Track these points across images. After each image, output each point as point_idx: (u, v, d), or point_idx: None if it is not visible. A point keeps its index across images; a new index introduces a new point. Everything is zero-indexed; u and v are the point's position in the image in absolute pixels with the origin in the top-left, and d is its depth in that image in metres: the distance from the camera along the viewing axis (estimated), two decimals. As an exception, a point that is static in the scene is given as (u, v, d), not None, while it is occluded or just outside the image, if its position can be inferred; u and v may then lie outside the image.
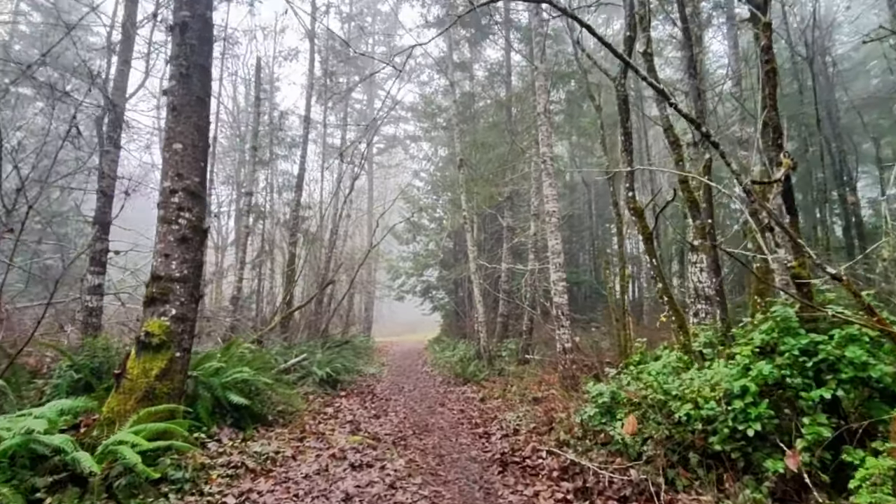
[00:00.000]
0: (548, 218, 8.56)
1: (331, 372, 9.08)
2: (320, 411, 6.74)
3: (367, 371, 12.42)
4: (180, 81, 4.60)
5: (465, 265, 21.64)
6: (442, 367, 13.83)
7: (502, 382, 9.75)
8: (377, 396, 8.77)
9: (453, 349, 17.84)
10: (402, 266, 26.70)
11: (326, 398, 7.95)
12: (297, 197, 12.71)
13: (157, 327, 4.19)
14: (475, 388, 9.51)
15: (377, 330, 36.45)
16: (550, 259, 8.46)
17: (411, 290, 26.50)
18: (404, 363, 15.49)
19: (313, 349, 10.71)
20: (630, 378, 5.51)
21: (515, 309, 19.12)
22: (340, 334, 18.55)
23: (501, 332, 15.67)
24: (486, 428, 6.39)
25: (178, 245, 4.37)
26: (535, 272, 12.83)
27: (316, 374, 8.67)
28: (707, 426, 3.71)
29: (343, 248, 19.20)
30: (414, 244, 26.98)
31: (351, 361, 12.01)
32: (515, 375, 10.21)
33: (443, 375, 12.04)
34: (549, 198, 8.55)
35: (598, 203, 26.65)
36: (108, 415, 3.99)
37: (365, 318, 28.89)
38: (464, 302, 22.58)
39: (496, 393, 8.67)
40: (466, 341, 18.70)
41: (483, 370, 10.95)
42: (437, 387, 10.19)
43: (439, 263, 26.60)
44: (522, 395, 8.31)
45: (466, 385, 10.08)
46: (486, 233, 21.37)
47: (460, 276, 23.38)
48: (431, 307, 27.09)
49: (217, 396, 5.18)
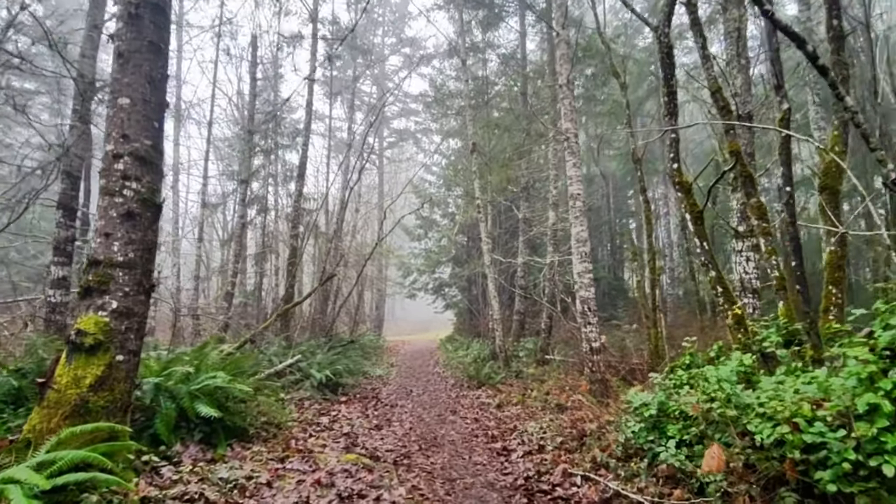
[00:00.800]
0: (572, 202, 7.59)
1: (331, 375, 8.23)
2: (313, 421, 5.87)
3: (373, 373, 11.56)
4: (128, 23, 3.74)
5: (478, 261, 20.74)
6: (454, 368, 12.93)
7: (521, 386, 8.81)
8: (381, 402, 7.89)
9: (466, 349, 16.93)
10: (413, 263, 25.85)
11: (324, 405, 7.09)
12: (299, 187, 11.89)
13: (93, 325, 3.34)
14: (491, 393, 8.58)
15: (389, 329, 35.69)
16: (575, 248, 7.49)
17: (423, 288, 25.63)
18: (414, 364, 14.62)
19: (314, 349, 9.89)
20: (680, 384, 4.55)
21: (532, 306, 18.14)
22: (349, 333, 17.78)
23: (518, 330, 14.71)
24: (504, 442, 5.46)
25: (123, 222, 3.52)
26: (555, 265, 11.85)
27: (314, 378, 7.82)
28: (808, 455, 2.74)
29: (351, 243, 18.41)
30: (426, 240, 26.11)
31: (356, 362, 11.16)
32: (535, 378, 9.26)
33: (455, 377, 11.13)
34: (573, 180, 7.58)
35: (616, 197, 25.55)
36: (27, 435, 3.15)
37: (375, 316, 28.12)
38: (477, 299, 21.66)
39: (514, 398, 7.73)
40: (480, 340, 17.77)
41: (499, 372, 10.01)
42: (449, 390, 9.28)
43: (452, 260, 25.69)
44: (544, 401, 7.37)
45: (481, 389, 9.15)
46: (500, 227, 20.43)
47: (474, 273, 22.45)
48: (444, 305, 26.21)
49: (184, 408, 4.33)
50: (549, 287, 11.89)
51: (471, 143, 10.82)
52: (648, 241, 9.76)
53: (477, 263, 20.76)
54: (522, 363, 11.47)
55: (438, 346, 21.42)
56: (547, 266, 12.01)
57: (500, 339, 10.56)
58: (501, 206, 20.08)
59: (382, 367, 13.03)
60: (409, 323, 47.52)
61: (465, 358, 14.51)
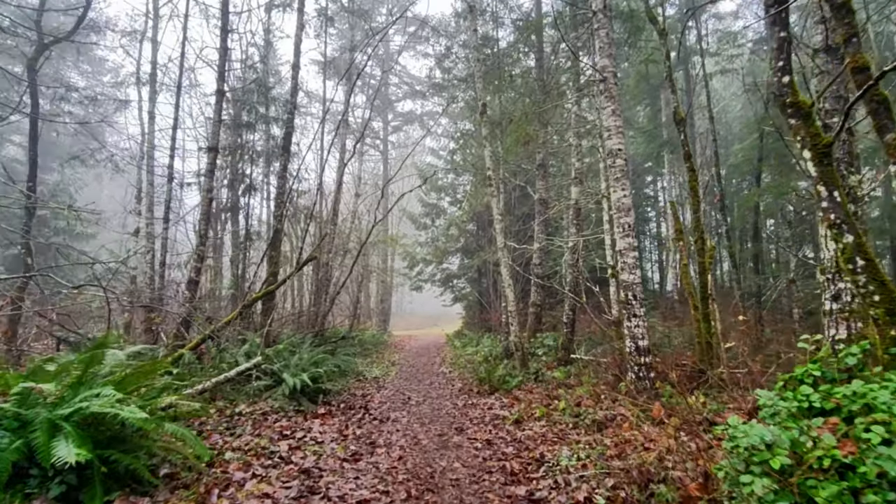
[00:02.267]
0: (610, 161, 5.92)
1: (309, 379, 6.66)
2: (266, 449, 4.30)
3: (369, 374, 10.00)
4: None
5: (489, 251, 19.11)
6: (462, 367, 11.34)
7: (542, 393, 7.19)
8: (370, 414, 6.32)
9: (476, 345, 15.33)
10: (419, 252, 24.24)
11: (292, 420, 5.52)
12: (284, 162, 10.33)
13: None
14: (506, 401, 6.98)
15: (396, 323, 34.22)
16: (616, 220, 5.84)
17: (430, 279, 24.05)
18: (418, 362, 13.06)
19: (296, 347, 8.35)
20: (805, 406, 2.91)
21: (550, 297, 16.50)
22: (348, 328, 16.29)
23: (534, 324, 13.08)
24: (530, 484, 3.84)
25: None
26: (579, 249, 10.18)
27: (287, 384, 6.26)
28: None
29: (351, 228, 16.86)
30: (432, 229, 24.49)
31: (347, 362, 9.60)
32: (559, 383, 7.63)
33: (463, 379, 9.54)
34: (612, 132, 5.91)
35: (636, 182, 23.78)
36: None
37: (380, 310, 26.62)
38: (488, 291, 20.03)
39: (536, 409, 6.11)
40: (492, 336, 16.15)
41: (515, 374, 8.40)
42: (455, 397, 7.69)
43: (460, 250, 24.05)
44: (575, 414, 5.75)
45: (494, 395, 7.55)
46: (513, 214, 18.75)
47: (484, 263, 20.85)
48: (452, 298, 24.63)
49: (35, 447, 2.78)
50: (572, 274, 10.22)
51: (480, 105, 9.15)
52: (695, 219, 8.03)
53: (488, 253, 19.16)
54: (542, 363, 9.86)
55: (446, 342, 19.89)
56: (569, 250, 10.34)
57: (516, 335, 8.94)
58: (515, 191, 18.42)
59: (381, 367, 11.48)
60: (417, 317, 46.07)
61: (474, 356, 12.92)
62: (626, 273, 5.69)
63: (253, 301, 7.27)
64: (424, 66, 30.59)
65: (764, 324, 11.53)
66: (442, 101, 27.07)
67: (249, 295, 7.42)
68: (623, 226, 5.75)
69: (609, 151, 5.91)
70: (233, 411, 5.38)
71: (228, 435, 4.64)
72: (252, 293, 7.78)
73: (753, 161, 13.32)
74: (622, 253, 5.73)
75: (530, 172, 16.75)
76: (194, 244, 8.09)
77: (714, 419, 5.18)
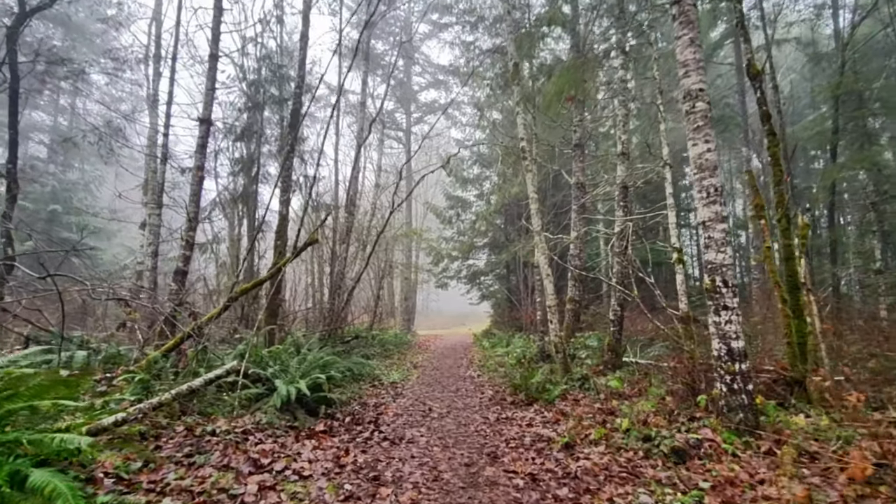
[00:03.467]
0: (689, 105, 4.52)
1: (309, 387, 5.48)
2: (220, 493, 3.10)
3: (386, 378, 8.79)
4: None
5: (519, 244, 17.75)
6: (492, 370, 10.04)
7: (593, 405, 5.82)
8: (380, 432, 5.09)
9: (506, 345, 13.97)
10: (444, 248, 22.98)
11: (278, 442, 4.33)
12: (291, 142, 9.25)
13: None
14: (549, 416, 5.65)
15: (421, 322, 33.06)
16: (697, 181, 4.45)
17: (456, 276, 22.75)
18: (443, 364, 11.80)
19: (300, 348, 7.21)
20: None
21: (588, 293, 15.04)
22: (368, 326, 15.18)
23: (572, 323, 11.64)
24: (605, 559, 2.53)
25: None
26: (628, 234, 8.75)
27: (279, 393, 5.09)
28: None
29: (369, 222, 15.74)
30: (458, 223, 23.20)
31: (361, 365, 8.43)
32: (613, 392, 6.24)
33: (493, 385, 8.24)
34: (690, 67, 4.51)
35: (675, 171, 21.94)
36: None
37: (404, 308, 25.44)
38: (518, 288, 18.64)
39: (590, 429, 4.77)
40: (524, 335, 14.76)
41: (557, 381, 7.04)
42: (486, 408, 6.40)
43: (488, 245, 22.68)
44: (644, 436, 4.38)
45: (532, 407, 6.22)
46: (544, 204, 17.28)
47: (513, 259, 19.46)
48: (479, 295, 23.30)
49: None
50: (620, 264, 8.78)
51: (510, 65, 7.82)
52: (778, 192, 6.54)
53: (517, 246, 17.78)
54: (586, 366, 8.48)
55: (474, 342, 18.60)
56: (616, 236, 8.91)
57: (557, 334, 7.58)
58: (548, 178, 16.99)
59: (401, 370, 10.26)
60: (443, 316, 44.85)
61: (505, 357, 11.60)
62: (713, 251, 4.29)
63: (241, 293, 6.15)
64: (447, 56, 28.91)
65: (845, 322, 9.84)
66: (468, 90, 25.82)
67: (238, 287, 6.29)
68: (707, 189, 4.35)
69: (687, 92, 4.51)
70: (205, 429, 4.23)
71: (185, 465, 3.47)
72: (242, 284, 6.65)
73: (827, 134, 11.57)
74: (707, 225, 4.32)
75: (565, 156, 15.32)
76: (183, 229, 7.03)
77: (844, 451, 3.74)
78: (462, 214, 23.09)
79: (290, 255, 6.43)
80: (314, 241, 6.61)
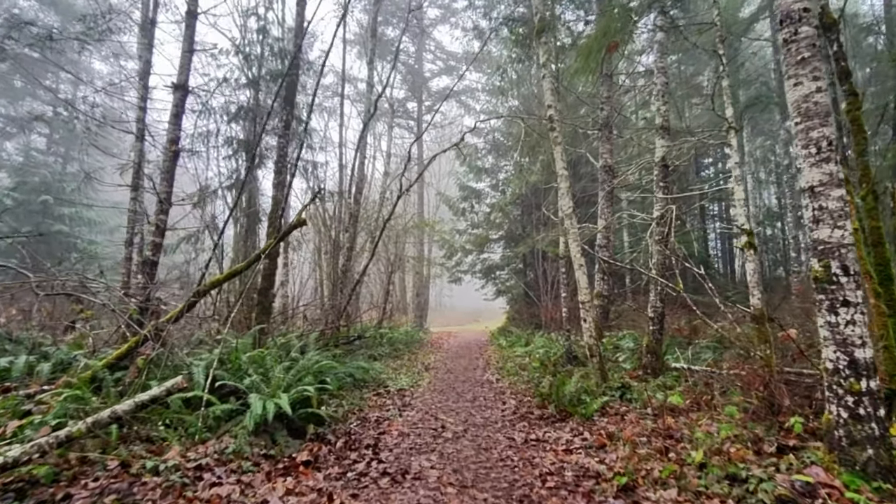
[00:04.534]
0: (790, 30, 3.36)
1: (295, 401, 4.45)
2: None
3: (393, 384, 7.74)
4: None
5: (538, 236, 16.58)
6: (513, 374, 8.94)
7: (641, 422, 4.69)
8: (380, 461, 4.02)
9: (526, 344, 12.81)
10: (456, 241, 21.87)
11: (240, 481, 3.29)
12: (286, 118, 8.24)
13: None
14: (590, 437, 4.53)
15: (435, 319, 31.98)
16: (801, 134, 3.30)
17: (470, 270, 21.63)
18: (457, 365, 10.73)
19: (289, 350, 6.17)
20: None
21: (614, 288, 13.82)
22: (377, 324, 14.17)
23: (601, 320, 10.49)
24: None
25: None
26: (671, 218, 7.59)
27: (253, 412, 4.05)
28: None
29: (378, 211, 14.70)
30: (472, 215, 22.07)
31: (365, 370, 7.40)
32: (667, 409, 5.09)
33: (516, 393, 7.14)
34: (788, -21, 3.33)
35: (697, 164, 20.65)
36: None
37: (416, 304, 24.41)
38: (536, 283, 17.43)
39: (650, 462, 3.66)
40: (545, 334, 13.60)
41: (593, 390, 5.90)
42: (510, 425, 5.30)
43: (504, 237, 21.52)
44: (729, 474, 3.26)
45: (567, 424, 5.11)
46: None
47: (531, 252, 18.30)
48: (495, 291, 22.13)
49: None
50: (660, 253, 7.60)
51: (536, 20, 6.67)
52: (862, 164, 5.32)
53: (537, 239, 16.61)
54: (622, 371, 7.34)
55: (489, 340, 17.50)
56: (655, 221, 7.73)
57: (593, 333, 6.44)
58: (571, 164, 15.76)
59: (411, 373, 9.21)
60: (457, 312, 43.76)
61: (526, 358, 10.48)
62: (826, 227, 3.13)
63: (210, 287, 5.13)
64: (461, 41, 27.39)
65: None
66: (482, 75, 24.59)
67: (208, 280, 5.27)
68: (816, 143, 3.19)
69: (786, 15, 3.34)
70: (145, 465, 3.21)
71: (96, 528, 2.45)
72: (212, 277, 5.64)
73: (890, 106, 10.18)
74: (816, 192, 3.17)
75: (589, 139, 14.10)
76: (153, 212, 6.03)
77: None
78: (476, 206, 21.97)
79: (273, 240, 5.40)
80: (301, 223, 5.55)
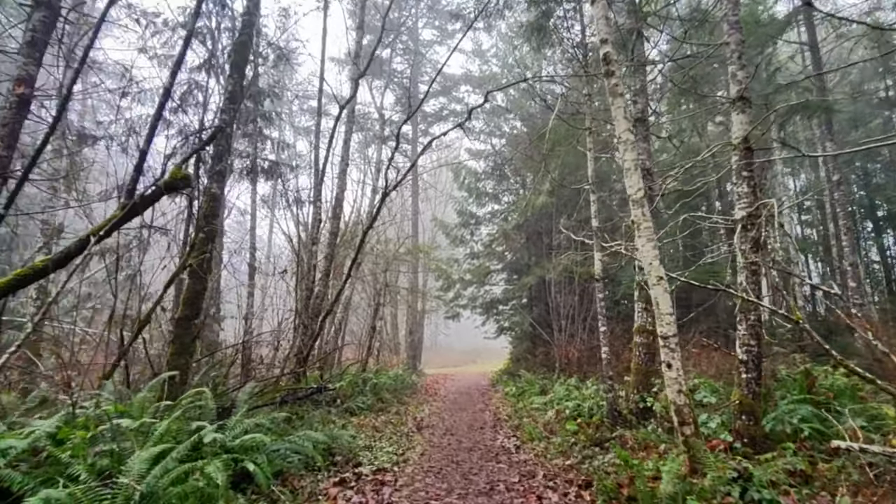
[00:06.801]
0: None
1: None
2: None
3: (369, 461, 5.25)
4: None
5: (548, 264, 14.39)
6: (537, 439, 6.48)
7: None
8: None
9: (542, 393, 10.29)
10: (455, 271, 19.57)
11: None
12: (232, 86, 6.14)
13: None
14: None
15: (430, 359, 29.17)
16: None
17: (469, 304, 19.18)
18: (459, 422, 8.22)
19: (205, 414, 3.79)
20: None
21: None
22: (362, 367, 11.72)
23: (644, 363, 8.10)
24: None
25: None
26: (762, 222, 5.43)
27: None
28: None
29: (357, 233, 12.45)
30: (472, 243, 19.90)
31: (322, 443, 4.95)
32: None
33: (552, 476, 4.69)
34: None
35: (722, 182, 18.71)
36: None
37: (409, 343, 21.79)
38: (547, 318, 15.00)
39: None
40: (562, 377, 11.11)
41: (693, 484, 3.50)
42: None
43: (507, 268, 19.24)
44: None
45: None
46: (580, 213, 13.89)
47: (540, 284, 15.93)
48: (497, 329, 19.54)
49: None
50: (749, 268, 5.34)
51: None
52: None
53: (547, 268, 14.37)
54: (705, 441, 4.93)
55: (492, 384, 14.98)
56: (741, 225, 5.54)
57: (683, 388, 4.06)
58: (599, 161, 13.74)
59: (396, 437, 6.71)
60: (454, 352, 40.74)
61: (549, 412, 8.01)
62: None
63: None
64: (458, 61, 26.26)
65: None
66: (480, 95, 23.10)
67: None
68: None
69: None
70: None
71: None
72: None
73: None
74: None
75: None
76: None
77: None
78: (475, 233, 19.85)
79: (122, 212, 3.14)
80: (176, 182, 3.22)
